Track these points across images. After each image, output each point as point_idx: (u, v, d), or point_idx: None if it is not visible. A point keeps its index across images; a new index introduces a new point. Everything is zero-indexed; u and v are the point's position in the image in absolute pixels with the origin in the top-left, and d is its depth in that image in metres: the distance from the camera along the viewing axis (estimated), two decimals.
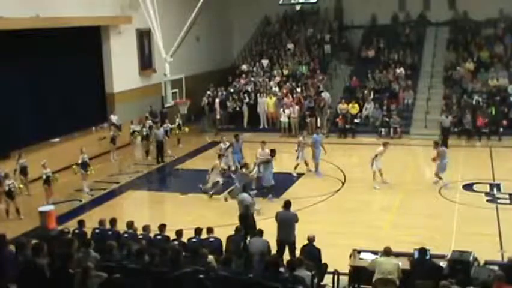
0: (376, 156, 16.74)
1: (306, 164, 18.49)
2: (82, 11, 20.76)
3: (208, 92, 27.12)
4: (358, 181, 17.48)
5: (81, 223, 11.22)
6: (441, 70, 27.07)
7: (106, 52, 23.39)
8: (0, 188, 15.62)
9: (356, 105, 24.91)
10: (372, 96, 25.47)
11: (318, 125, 24.28)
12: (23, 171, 16.99)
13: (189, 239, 10.52)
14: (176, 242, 10.21)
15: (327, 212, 15.24)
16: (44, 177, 16.09)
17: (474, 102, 23.91)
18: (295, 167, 18.37)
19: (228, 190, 16.50)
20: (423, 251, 9.25)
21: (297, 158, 18.39)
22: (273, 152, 16.48)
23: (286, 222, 11.16)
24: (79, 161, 17.38)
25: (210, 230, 10.74)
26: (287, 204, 11.44)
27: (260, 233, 10.41)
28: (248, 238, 10.78)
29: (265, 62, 29.40)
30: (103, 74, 23.47)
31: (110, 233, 10.87)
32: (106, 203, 16.76)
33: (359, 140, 23.37)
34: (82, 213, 15.23)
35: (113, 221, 11.13)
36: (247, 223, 11.96)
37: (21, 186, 16.23)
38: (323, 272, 9.76)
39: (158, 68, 25.37)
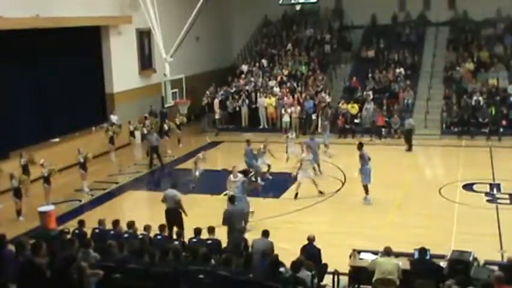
0: (301, 164, 16.09)
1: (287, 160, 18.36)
2: (82, 11, 20.77)
3: (207, 92, 27.11)
4: (358, 181, 17.41)
5: (81, 223, 11.21)
6: (441, 70, 27.06)
7: (106, 52, 23.38)
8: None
9: (356, 105, 24.90)
10: (372, 96, 25.46)
11: (319, 125, 24.31)
12: (25, 170, 16.97)
13: (189, 239, 10.53)
14: (176, 242, 10.21)
15: (327, 212, 15.24)
16: (46, 175, 16.08)
17: (474, 102, 23.93)
18: (287, 160, 18.33)
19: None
20: (423, 251, 9.25)
21: (286, 152, 18.66)
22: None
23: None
24: (81, 160, 17.44)
25: (211, 230, 10.77)
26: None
27: (266, 233, 10.33)
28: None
29: (265, 62, 29.41)
30: (103, 74, 23.47)
31: (112, 232, 10.86)
32: (105, 203, 16.75)
33: (359, 140, 23.31)
34: (82, 213, 15.24)
35: (115, 223, 11.09)
36: (175, 218, 12.34)
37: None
38: (323, 272, 9.75)
39: (158, 68, 25.38)
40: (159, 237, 10.69)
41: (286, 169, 17.28)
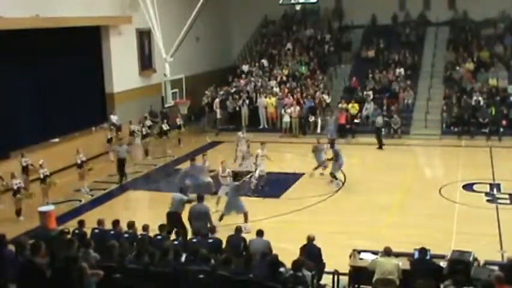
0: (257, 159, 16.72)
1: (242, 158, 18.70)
2: (81, 11, 20.75)
3: (207, 92, 27.11)
4: (358, 181, 17.48)
5: (81, 223, 11.20)
6: (442, 70, 27.07)
7: (106, 52, 23.37)
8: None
9: (356, 105, 24.90)
10: (372, 96, 25.46)
11: (318, 126, 24.38)
12: (25, 170, 16.94)
13: (189, 239, 10.52)
14: (175, 242, 10.21)
15: (327, 212, 15.23)
16: (42, 176, 16.10)
17: (474, 102, 23.92)
18: (235, 160, 18.77)
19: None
20: (423, 251, 9.25)
21: (236, 151, 19.02)
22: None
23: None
24: (78, 161, 17.43)
25: (213, 229, 10.81)
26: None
27: (261, 233, 10.39)
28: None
29: (265, 62, 29.41)
30: (103, 74, 23.47)
31: (112, 232, 10.85)
32: (106, 203, 16.75)
33: (358, 140, 23.37)
34: (81, 213, 15.22)
35: (115, 223, 11.09)
36: (176, 220, 12.41)
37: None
38: (321, 271, 9.75)
39: (158, 68, 25.37)
40: (159, 237, 10.68)
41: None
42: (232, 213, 13.88)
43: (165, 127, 22.70)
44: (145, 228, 10.87)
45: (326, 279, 9.83)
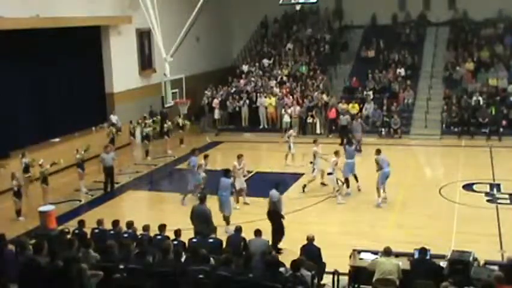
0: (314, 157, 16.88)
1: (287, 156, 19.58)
2: (81, 11, 20.78)
3: (207, 92, 27.11)
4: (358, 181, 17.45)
5: (81, 223, 11.21)
6: (441, 70, 27.08)
7: (106, 52, 23.38)
8: None
9: (356, 105, 24.89)
10: (372, 96, 25.46)
11: (317, 127, 24.43)
12: (26, 170, 16.94)
13: (189, 239, 10.53)
14: (175, 242, 10.20)
15: (327, 212, 15.24)
16: (41, 176, 16.10)
17: (474, 102, 23.92)
18: (286, 157, 19.63)
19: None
20: (423, 251, 9.25)
21: (289, 148, 19.58)
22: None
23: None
24: (78, 156, 17.45)
25: (214, 230, 10.85)
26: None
27: (259, 233, 10.40)
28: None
29: (265, 62, 29.40)
30: (103, 74, 23.48)
31: (112, 232, 10.84)
32: (105, 203, 16.75)
33: None
34: (82, 213, 15.23)
35: (115, 223, 11.08)
36: (274, 219, 12.32)
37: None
38: (321, 271, 9.75)
39: (158, 68, 25.38)
40: (159, 237, 10.67)
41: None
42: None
43: (167, 127, 22.67)
44: (145, 228, 10.87)
45: (326, 279, 9.84)
